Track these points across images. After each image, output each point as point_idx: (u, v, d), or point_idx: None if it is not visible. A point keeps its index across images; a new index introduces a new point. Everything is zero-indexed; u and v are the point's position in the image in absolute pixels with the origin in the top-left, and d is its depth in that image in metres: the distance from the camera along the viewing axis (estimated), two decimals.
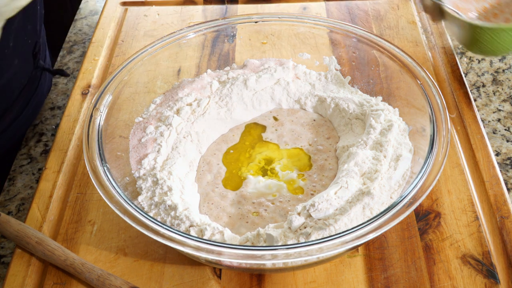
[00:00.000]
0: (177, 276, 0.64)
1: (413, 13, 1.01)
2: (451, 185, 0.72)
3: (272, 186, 0.70)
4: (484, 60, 0.93)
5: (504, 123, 0.82)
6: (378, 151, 0.69)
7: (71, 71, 0.95)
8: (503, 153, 0.78)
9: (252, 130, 0.79)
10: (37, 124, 0.86)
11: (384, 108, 0.75)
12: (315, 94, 0.80)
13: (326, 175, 0.71)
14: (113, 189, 0.61)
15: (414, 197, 0.58)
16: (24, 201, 0.74)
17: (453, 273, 0.63)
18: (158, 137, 0.73)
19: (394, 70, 0.76)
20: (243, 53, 0.89)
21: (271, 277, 0.63)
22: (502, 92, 0.87)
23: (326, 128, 0.78)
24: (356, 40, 0.80)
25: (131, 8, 1.05)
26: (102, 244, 0.67)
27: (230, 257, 0.55)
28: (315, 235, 0.60)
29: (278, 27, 0.85)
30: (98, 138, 0.66)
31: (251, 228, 0.65)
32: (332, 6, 1.03)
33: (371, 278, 0.63)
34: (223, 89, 0.79)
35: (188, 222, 0.62)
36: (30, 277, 0.64)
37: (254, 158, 0.74)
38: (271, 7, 1.04)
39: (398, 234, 0.67)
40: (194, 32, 0.83)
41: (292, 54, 0.86)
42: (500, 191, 0.71)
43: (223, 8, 1.04)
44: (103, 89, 0.73)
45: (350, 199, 0.63)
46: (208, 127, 0.77)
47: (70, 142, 0.79)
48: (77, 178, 0.74)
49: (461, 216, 0.68)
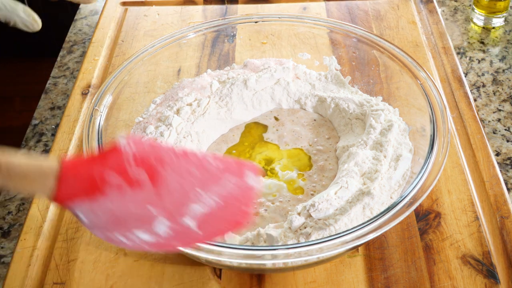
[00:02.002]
0: (177, 276, 0.64)
1: (413, 13, 1.01)
2: (451, 185, 0.72)
3: (272, 186, 0.70)
4: (484, 60, 0.93)
5: (504, 123, 0.82)
6: (378, 151, 0.69)
7: (71, 71, 0.95)
8: (503, 153, 0.78)
9: (252, 130, 0.79)
10: (37, 124, 0.86)
11: (384, 108, 0.75)
12: (315, 94, 0.80)
13: (326, 175, 0.71)
14: None
15: (414, 197, 0.58)
16: (24, 201, 0.74)
17: (453, 273, 0.63)
18: (158, 137, 0.73)
19: (394, 70, 0.76)
20: (243, 53, 0.89)
21: (271, 277, 0.63)
22: (502, 92, 0.87)
23: (326, 128, 0.78)
24: (356, 40, 0.80)
25: (131, 8, 1.05)
26: (102, 244, 0.67)
27: (230, 257, 0.55)
28: (315, 235, 0.60)
29: (278, 27, 0.85)
30: (98, 138, 0.66)
31: (252, 228, 0.65)
32: (332, 6, 1.03)
33: (371, 278, 0.63)
34: (223, 89, 0.79)
35: None
36: (30, 277, 0.64)
37: (254, 158, 0.74)
38: (271, 7, 1.04)
39: (398, 234, 0.67)
40: (194, 32, 0.83)
41: (292, 54, 0.86)
42: (500, 191, 0.71)
43: (223, 8, 1.04)
44: (103, 89, 0.73)
45: (350, 199, 0.63)
46: (208, 127, 0.77)
47: (70, 142, 0.79)
48: None
49: (461, 216, 0.68)
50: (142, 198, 0.46)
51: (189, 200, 0.47)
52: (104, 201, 0.45)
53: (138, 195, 0.46)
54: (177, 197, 0.47)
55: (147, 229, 0.47)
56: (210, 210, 0.48)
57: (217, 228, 0.50)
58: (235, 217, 0.50)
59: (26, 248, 0.66)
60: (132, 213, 0.46)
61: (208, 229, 0.49)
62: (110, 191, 0.45)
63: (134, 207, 0.46)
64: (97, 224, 0.47)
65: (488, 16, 0.98)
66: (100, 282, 0.63)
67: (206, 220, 0.48)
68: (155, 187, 0.46)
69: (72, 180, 0.45)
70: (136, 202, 0.46)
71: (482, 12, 0.98)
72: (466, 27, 1.00)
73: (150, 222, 0.46)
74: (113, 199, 0.45)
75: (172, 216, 0.47)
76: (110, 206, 0.45)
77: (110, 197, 0.45)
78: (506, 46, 0.96)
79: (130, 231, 0.47)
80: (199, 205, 0.47)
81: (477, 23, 1.00)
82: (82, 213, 0.46)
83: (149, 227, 0.47)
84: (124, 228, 0.47)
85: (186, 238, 0.49)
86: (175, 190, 0.46)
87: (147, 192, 0.46)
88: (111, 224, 0.46)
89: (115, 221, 0.46)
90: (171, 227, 0.47)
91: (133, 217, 0.46)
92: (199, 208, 0.47)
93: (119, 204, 0.45)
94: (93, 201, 0.45)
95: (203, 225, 0.48)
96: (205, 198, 0.47)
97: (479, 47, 0.96)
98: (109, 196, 0.45)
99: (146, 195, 0.46)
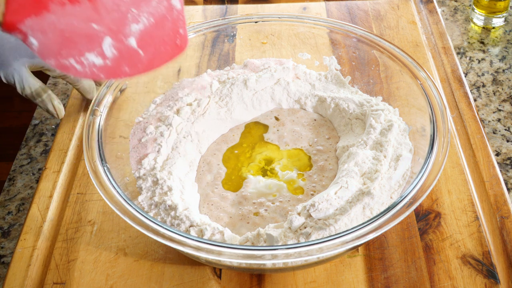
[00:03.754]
0: (177, 276, 0.64)
1: (413, 13, 1.01)
2: (451, 185, 0.72)
3: (272, 186, 0.70)
4: (484, 60, 0.93)
5: (504, 123, 0.82)
6: (378, 151, 0.69)
7: None
8: (503, 153, 0.78)
9: (252, 130, 0.79)
10: (37, 124, 0.86)
11: (384, 108, 0.75)
12: (315, 94, 0.80)
13: (326, 175, 0.71)
14: (113, 189, 0.61)
15: (414, 197, 0.58)
16: (24, 201, 0.74)
17: (453, 273, 0.63)
18: (158, 137, 0.73)
19: (394, 70, 0.76)
20: (243, 53, 0.89)
21: (271, 277, 0.63)
22: (502, 92, 0.87)
23: (326, 128, 0.78)
24: (356, 40, 0.80)
25: None
26: (102, 244, 0.67)
27: (230, 257, 0.55)
28: (315, 235, 0.60)
29: (278, 27, 0.85)
30: (98, 138, 0.66)
31: (252, 228, 0.65)
32: (332, 6, 1.03)
33: (371, 278, 0.63)
34: (223, 89, 0.79)
35: (188, 222, 0.62)
36: (30, 277, 0.64)
37: (254, 158, 0.74)
38: (271, 7, 1.04)
39: (398, 234, 0.67)
40: (194, 32, 0.83)
41: (292, 54, 0.86)
42: (500, 191, 0.71)
43: (223, 8, 1.04)
44: (103, 89, 0.73)
45: (350, 199, 0.63)
46: (208, 127, 0.77)
47: (70, 142, 0.79)
48: (77, 178, 0.74)
49: (461, 216, 0.68)
50: (84, 15, 0.49)
51: (126, 18, 0.51)
52: (50, 16, 0.48)
53: (79, 12, 0.49)
54: (115, 15, 0.50)
55: (97, 51, 0.50)
56: (147, 30, 0.52)
57: (159, 51, 0.53)
58: (173, 39, 0.54)
59: (26, 248, 0.66)
60: (78, 31, 0.49)
61: (150, 52, 0.52)
62: (54, 6, 0.48)
63: (78, 24, 0.49)
64: (48, 48, 0.49)
65: (488, 16, 0.98)
66: (100, 282, 0.63)
67: (146, 40, 0.52)
68: (93, 5, 0.49)
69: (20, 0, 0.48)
70: (79, 18, 0.49)
71: (482, 12, 0.98)
72: (466, 27, 1.00)
73: (97, 41, 0.50)
74: (57, 14, 0.48)
75: (114, 35, 0.50)
76: (56, 22, 0.49)
77: (54, 12, 0.48)
78: (506, 46, 0.96)
79: (81, 54, 0.50)
80: (137, 25, 0.51)
81: (477, 23, 1.00)
82: (32, 35, 0.49)
83: (98, 47, 0.50)
84: (75, 50, 0.49)
85: (132, 61, 0.52)
86: (112, 9, 0.50)
87: (86, 8, 0.49)
88: (61, 45, 0.49)
89: (64, 42, 0.49)
90: (116, 47, 0.50)
91: (80, 37, 0.49)
92: (136, 27, 0.51)
93: (64, 20, 0.49)
94: (40, 16, 0.48)
95: (143, 46, 0.52)
96: (140, 17, 0.51)
97: (479, 47, 0.96)
98: (52, 11, 0.48)
99: (86, 11, 0.49)
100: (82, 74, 0.51)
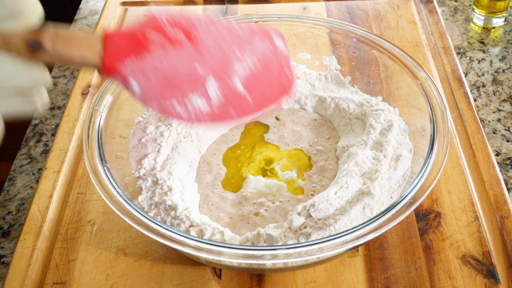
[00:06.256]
0: (177, 276, 0.64)
1: (413, 13, 1.01)
2: (451, 185, 0.72)
3: (272, 186, 0.70)
4: (484, 60, 0.93)
5: (504, 123, 0.82)
6: (378, 151, 0.69)
7: (71, 71, 0.95)
8: (503, 153, 0.78)
9: (252, 130, 0.79)
10: (37, 124, 0.86)
11: (384, 108, 0.75)
12: (315, 94, 0.80)
13: (326, 175, 0.71)
14: (113, 189, 0.61)
15: (414, 197, 0.58)
16: (24, 201, 0.74)
17: (453, 273, 0.63)
18: (158, 137, 0.73)
19: (394, 70, 0.76)
20: None
21: (271, 277, 0.63)
22: (502, 92, 0.87)
23: (326, 128, 0.78)
24: (356, 40, 0.80)
25: (131, 8, 1.05)
26: (102, 244, 0.67)
27: (230, 257, 0.55)
28: (315, 235, 0.60)
29: (278, 27, 0.85)
30: (98, 138, 0.66)
31: (252, 228, 0.65)
32: (332, 6, 1.03)
33: (371, 278, 0.63)
34: None
35: (188, 222, 0.62)
36: (30, 277, 0.64)
37: (254, 158, 0.74)
38: (271, 7, 1.04)
39: (398, 234, 0.67)
40: None
41: (292, 54, 0.86)
42: (500, 191, 0.71)
43: (223, 8, 1.04)
44: (103, 89, 0.73)
45: (350, 199, 0.63)
46: (208, 127, 0.77)
47: (70, 142, 0.79)
48: (77, 178, 0.74)
49: (461, 216, 0.68)
50: (186, 56, 0.47)
51: (230, 59, 0.48)
52: (151, 59, 0.46)
53: (180, 53, 0.47)
54: (218, 56, 0.48)
55: (200, 92, 0.47)
56: (252, 71, 0.49)
57: (264, 93, 0.50)
58: (279, 81, 0.51)
59: (26, 248, 0.66)
60: (180, 73, 0.47)
61: (256, 94, 0.49)
62: (154, 47, 0.46)
63: (180, 66, 0.46)
64: (150, 91, 0.47)
65: (488, 16, 0.98)
66: (100, 282, 0.63)
67: (251, 82, 0.49)
68: (194, 46, 0.47)
69: (117, 40, 0.46)
70: (181, 60, 0.47)
71: (482, 12, 0.98)
72: (466, 27, 1.00)
73: (201, 82, 0.47)
74: (159, 56, 0.46)
75: (219, 76, 0.47)
76: (157, 64, 0.46)
77: (155, 54, 0.46)
78: (506, 46, 0.96)
79: (185, 96, 0.47)
80: (241, 64, 0.48)
81: (477, 23, 1.00)
82: (133, 78, 0.46)
83: (201, 89, 0.47)
84: (177, 92, 0.47)
85: (238, 104, 0.49)
86: (214, 50, 0.48)
87: (188, 50, 0.47)
88: (163, 88, 0.47)
89: (166, 84, 0.47)
90: (221, 89, 0.47)
91: (182, 78, 0.47)
92: (241, 68, 0.48)
93: (165, 62, 0.46)
94: (140, 58, 0.46)
95: (249, 88, 0.49)
96: (244, 57, 0.49)
97: (479, 47, 0.96)
98: (153, 53, 0.46)
99: (188, 53, 0.47)
100: (188, 119, 0.48)
